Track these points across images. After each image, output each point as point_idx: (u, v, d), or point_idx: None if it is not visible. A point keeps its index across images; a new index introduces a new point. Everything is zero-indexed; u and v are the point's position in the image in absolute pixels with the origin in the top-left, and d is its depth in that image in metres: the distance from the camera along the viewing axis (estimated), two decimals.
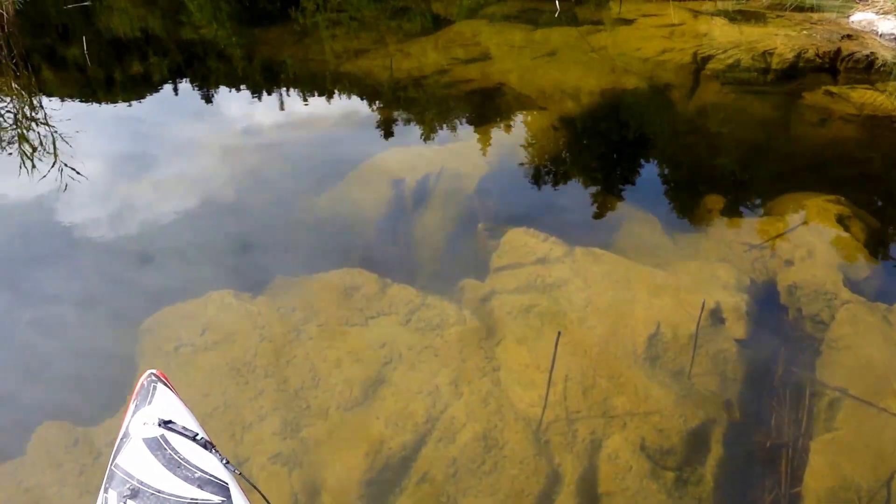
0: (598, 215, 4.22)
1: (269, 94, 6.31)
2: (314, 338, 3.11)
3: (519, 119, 5.33)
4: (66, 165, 4.75)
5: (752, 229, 3.98)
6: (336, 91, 6.33)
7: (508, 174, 4.60)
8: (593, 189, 4.47)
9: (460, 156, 4.71)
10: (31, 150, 5.11)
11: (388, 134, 5.32)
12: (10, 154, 5.02)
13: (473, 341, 3.10)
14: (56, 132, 5.37)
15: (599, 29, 7.24)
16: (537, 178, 4.60)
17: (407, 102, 5.87)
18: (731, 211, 4.20)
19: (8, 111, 6.02)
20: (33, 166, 4.80)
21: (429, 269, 3.71)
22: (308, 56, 7.25)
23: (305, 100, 6.19)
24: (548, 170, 4.69)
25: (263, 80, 6.72)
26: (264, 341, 3.09)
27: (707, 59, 6.14)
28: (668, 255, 3.75)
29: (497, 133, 5.16)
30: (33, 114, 5.96)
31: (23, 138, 5.41)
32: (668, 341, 3.12)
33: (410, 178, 4.44)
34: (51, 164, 4.76)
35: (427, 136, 5.18)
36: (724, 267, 3.58)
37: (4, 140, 5.34)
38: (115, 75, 7.08)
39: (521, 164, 4.70)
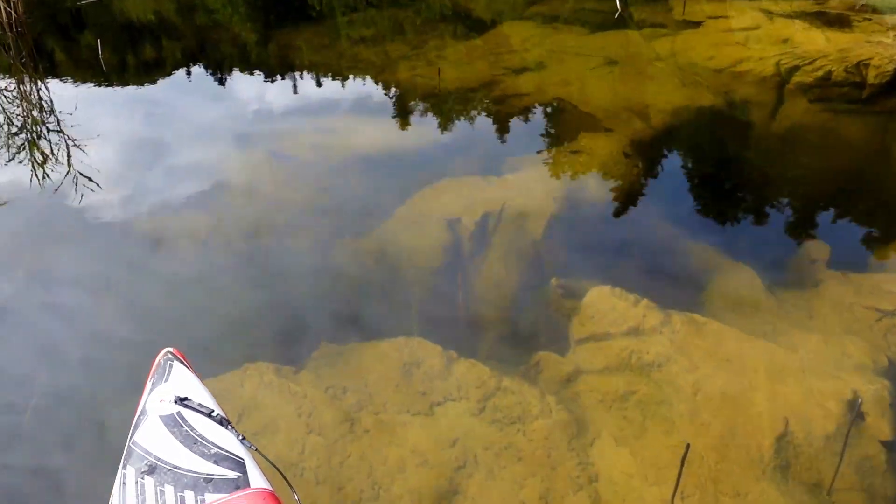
0: (686, 266, 3.65)
1: (303, 112, 5.81)
2: (371, 430, 2.62)
3: (584, 143, 4.75)
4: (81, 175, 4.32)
5: (875, 288, 3.38)
6: (373, 106, 5.79)
7: (578, 213, 4.04)
8: (675, 231, 3.89)
9: (522, 190, 4.16)
10: (41, 159, 4.75)
11: (437, 160, 4.78)
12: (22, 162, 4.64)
13: (563, 440, 2.58)
14: (70, 141, 4.96)
15: (663, 33, 6.59)
16: (611, 219, 4.04)
17: (455, 122, 5.33)
18: (842, 263, 3.60)
19: (18, 115, 5.63)
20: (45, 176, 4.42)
21: (496, 335, 3.19)
22: (341, 64, 6.73)
23: (338, 115, 5.67)
24: (622, 207, 4.12)
25: (293, 92, 6.24)
26: (312, 434, 2.61)
27: (792, 70, 5.48)
28: (777, 322, 3.18)
29: (561, 160, 4.59)
30: (44, 119, 5.55)
31: (33, 145, 5.03)
32: (799, 444, 2.57)
33: (467, 217, 3.92)
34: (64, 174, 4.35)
35: (481, 164, 4.63)
36: (853, 342, 3.00)
37: (13, 146, 4.97)
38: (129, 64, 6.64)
39: (592, 201, 4.14)
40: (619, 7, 7.40)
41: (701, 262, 3.67)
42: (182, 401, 2.03)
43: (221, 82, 6.71)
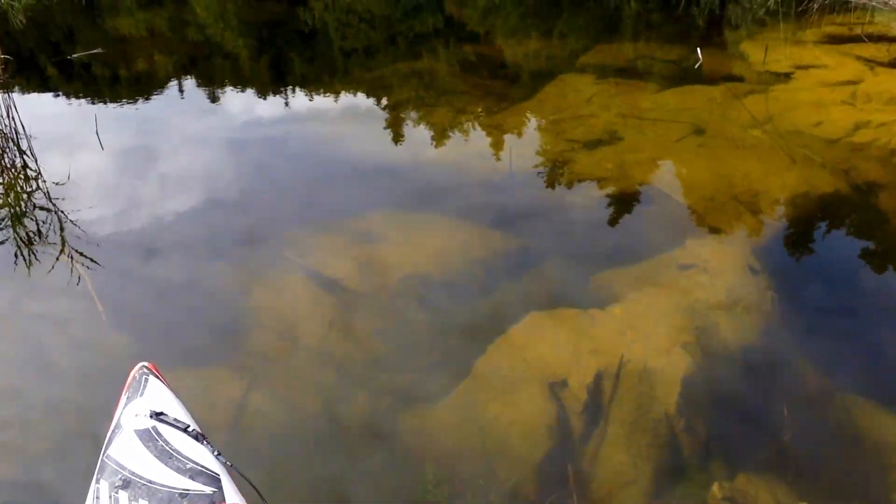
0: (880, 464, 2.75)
1: (336, 220, 4.98)
2: None
3: (694, 252, 3.87)
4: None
5: None
6: (418, 197, 4.85)
7: (716, 368, 3.15)
8: (853, 403, 2.99)
9: (638, 332, 3.28)
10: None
11: (510, 276, 3.91)
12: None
13: None
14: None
15: (748, 89, 5.71)
16: (760, 374, 3.14)
17: (526, 221, 4.46)
18: None
19: None
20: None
21: None
22: (380, 147, 5.92)
23: (375, 210, 4.78)
24: (767, 355, 3.23)
25: (321, 183, 5.42)
26: None
27: None
28: None
29: (674, 281, 3.69)
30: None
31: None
32: None
33: (575, 378, 3.04)
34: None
35: (565, 281, 3.76)
36: None
37: None
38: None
39: (729, 348, 3.25)
40: (699, 57, 6.49)
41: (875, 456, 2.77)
42: (158, 415, 2.02)
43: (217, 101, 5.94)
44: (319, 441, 2.78)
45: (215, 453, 1.96)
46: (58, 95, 7.07)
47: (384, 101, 6.63)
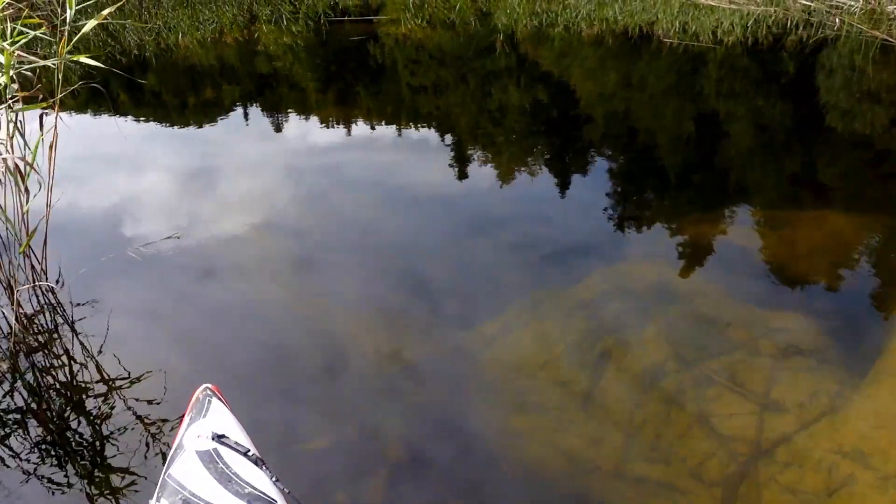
0: None
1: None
2: None
3: None
4: None
5: None
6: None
7: None
8: None
9: None
10: None
11: None
12: None
13: None
14: None
15: None
16: None
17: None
18: None
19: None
20: None
21: None
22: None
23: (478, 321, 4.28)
24: None
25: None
26: None
27: None
28: None
29: None
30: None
31: None
32: None
33: None
34: None
35: None
36: None
37: None
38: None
39: None
40: None
41: None
42: (219, 438, 2.03)
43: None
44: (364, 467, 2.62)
45: (274, 479, 1.96)
46: (126, 118, 7.05)
47: (449, 137, 6.30)
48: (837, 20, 8.55)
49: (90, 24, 3.55)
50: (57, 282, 3.78)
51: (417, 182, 5.24)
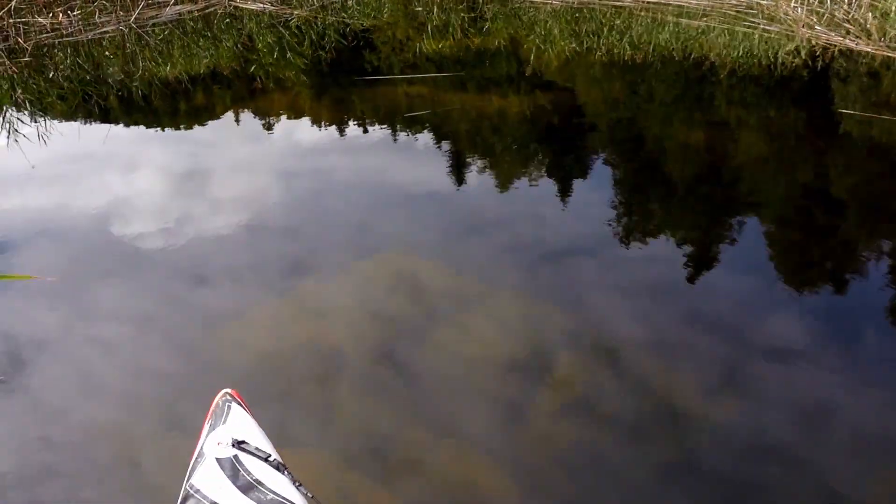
0: None
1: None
2: None
3: None
4: None
5: None
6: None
7: None
8: None
9: None
10: None
11: None
12: None
13: None
14: None
15: None
16: None
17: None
18: None
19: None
20: None
21: None
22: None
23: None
24: None
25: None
26: None
27: None
28: None
29: None
30: None
31: None
32: None
33: None
34: None
35: None
36: None
37: None
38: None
39: None
40: None
41: None
42: (239, 444, 1.99)
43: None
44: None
45: (296, 484, 1.93)
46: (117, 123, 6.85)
47: (445, 143, 6.04)
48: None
49: None
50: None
51: (410, 185, 5.09)
